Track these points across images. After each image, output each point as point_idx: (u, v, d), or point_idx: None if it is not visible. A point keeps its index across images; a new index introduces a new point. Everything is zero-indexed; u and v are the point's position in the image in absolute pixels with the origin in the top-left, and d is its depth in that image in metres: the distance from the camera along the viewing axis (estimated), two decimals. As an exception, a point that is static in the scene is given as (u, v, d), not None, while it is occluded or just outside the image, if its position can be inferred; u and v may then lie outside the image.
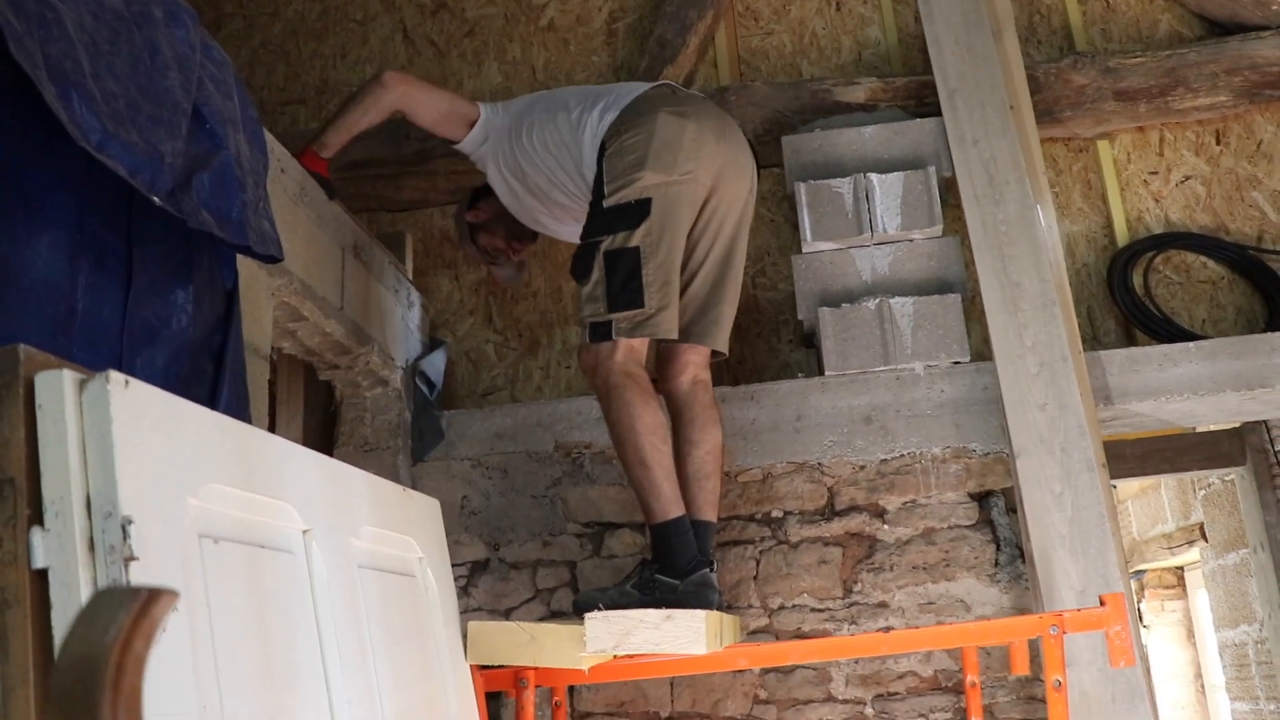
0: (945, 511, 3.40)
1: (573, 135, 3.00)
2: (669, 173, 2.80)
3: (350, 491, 1.80)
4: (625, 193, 2.80)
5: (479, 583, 3.49)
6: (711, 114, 3.00)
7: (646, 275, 2.74)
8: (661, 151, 2.81)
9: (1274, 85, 3.88)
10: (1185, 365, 3.46)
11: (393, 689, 1.76)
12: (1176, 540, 6.45)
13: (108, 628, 0.63)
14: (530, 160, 3.10)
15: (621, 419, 2.71)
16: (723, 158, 2.94)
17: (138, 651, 0.64)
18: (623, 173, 2.82)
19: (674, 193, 2.81)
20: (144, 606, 0.65)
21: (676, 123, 2.85)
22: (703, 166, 2.88)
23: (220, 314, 2.17)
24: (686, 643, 2.16)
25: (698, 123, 2.89)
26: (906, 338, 3.47)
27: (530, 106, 3.17)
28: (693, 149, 2.85)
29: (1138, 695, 3.04)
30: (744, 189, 3.05)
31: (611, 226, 2.80)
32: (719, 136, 2.94)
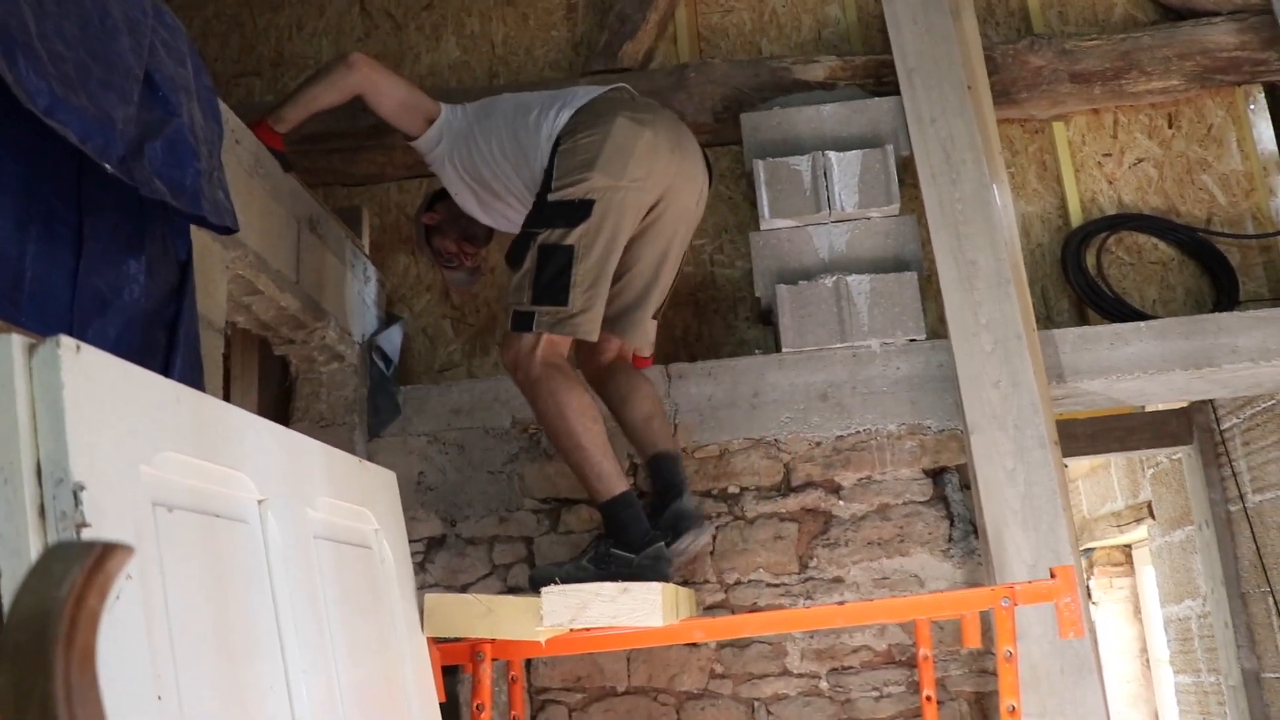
0: (900, 488, 3.44)
1: (531, 139, 2.98)
2: (617, 178, 2.80)
3: (306, 462, 1.79)
4: (570, 190, 2.80)
5: (436, 558, 3.49)
6: (668, 123, 3.00)
7: (575, 275, 2.75)
8: (613, 156, 2.80)
9: (1224, 70, 3.93)
10: (1136, 344, 3.51)
11: (349, 661, 1.75)
12: (1125, 518, 6.55)
13: (60, 582, 0.63)
14: (488, 165, 3.08)
15: (550, 408, 2.74)
16: (676, 168, 2.95)
17: (91, 607, 0.64)
18: (571, 170, 2.82)
19: (618, 199, 2.81)
20: (98, 561, 0.64)
21: (633, 129, 2.85)
22: (654, 176, 2.88)
23: (174, 285, 2.15)
24: (643, 615, 2.17)
25: (654, 131, 2.88)
26: (863, 315, 3.49)
27: (489, 110, 3.14)
28: (646, 157, 2.85)
29: (1086, 667, 3.10)
30: (693, 200, 3.07)
31: (551, 221, 2.80)
32: (674, 147, 2.94)
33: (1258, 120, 4.02)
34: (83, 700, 0.62)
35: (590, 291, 2.77)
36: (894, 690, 3.33)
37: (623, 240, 2.86)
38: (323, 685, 1.62)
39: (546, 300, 2.76)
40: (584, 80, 3.97)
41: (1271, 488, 4.49)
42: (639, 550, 2.66)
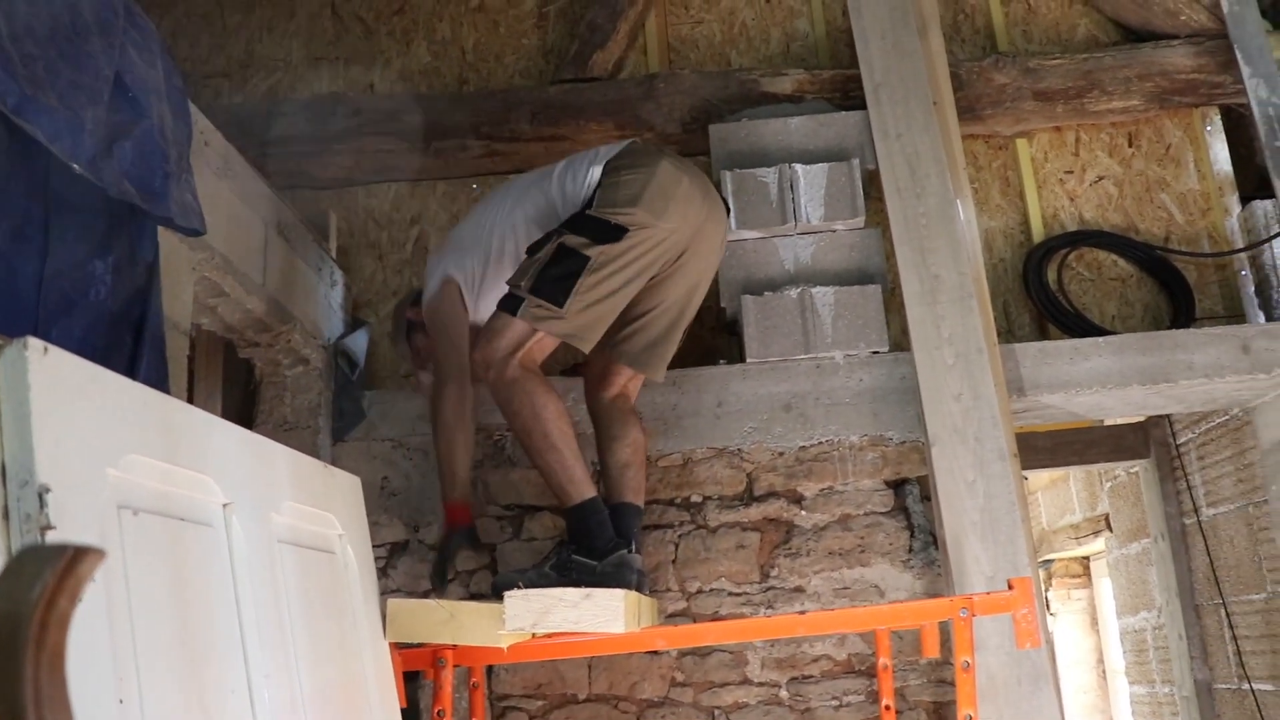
0: (861, 498, 3.47)
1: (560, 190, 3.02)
2: (657, 218, 2.84)
3: (272, 466, 1.79)
4: (610, 213, 2.83)
5: (398, 564, 3.48)
6: (699, 175, 3.06)
7: (581, 283, 2.77)
8: (656, 195, 2.85)
9: (1182, 92, 4.00)
10: (1095, 359, 3.56)
11: (311, 665, 1.75)
12: (1083, 530, 6.63)
13: (32, 584, 0.63)
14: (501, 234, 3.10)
15: (524, 408, 2.75)
16: (705, 214, 3.00)
17: (62, 609, 0.65)
18: (615, 201, 2.85)
19: (651, 238, 2.84)
20: (69, 564, 0.65)
21: (675, 174, 2.91)
22: (688, 222, 2.93)
23: (140, 287, 2.14)
24: (605, 621, 2.18)
25: (690, 179, 2.95)
26: (827, 327, 3.53)
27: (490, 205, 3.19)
28: (683, 203, 2.90)
29: (1042, 678, 3.14)
30: (717, 245, 3.12)
31: (580, 230, 2.84)
32: (705, 195, 3.01)
33: (1214, 141, 4.10)
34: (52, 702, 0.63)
35: (590, 307, 2.79)
36: (853, 699, 3.35)
37: (639, 280, 2.89)
38: (285, 690, 1.62)
39: (543, 294, 2.78)
40: (553, 88, 4.00)
41: (1225, 501, 4.56)
42: (602, 557, 2.67)
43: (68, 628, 0.65)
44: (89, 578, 0.66)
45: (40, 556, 0.65)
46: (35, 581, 0.64)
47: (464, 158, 4.00)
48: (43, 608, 0.63)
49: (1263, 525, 4.22)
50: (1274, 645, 4.27)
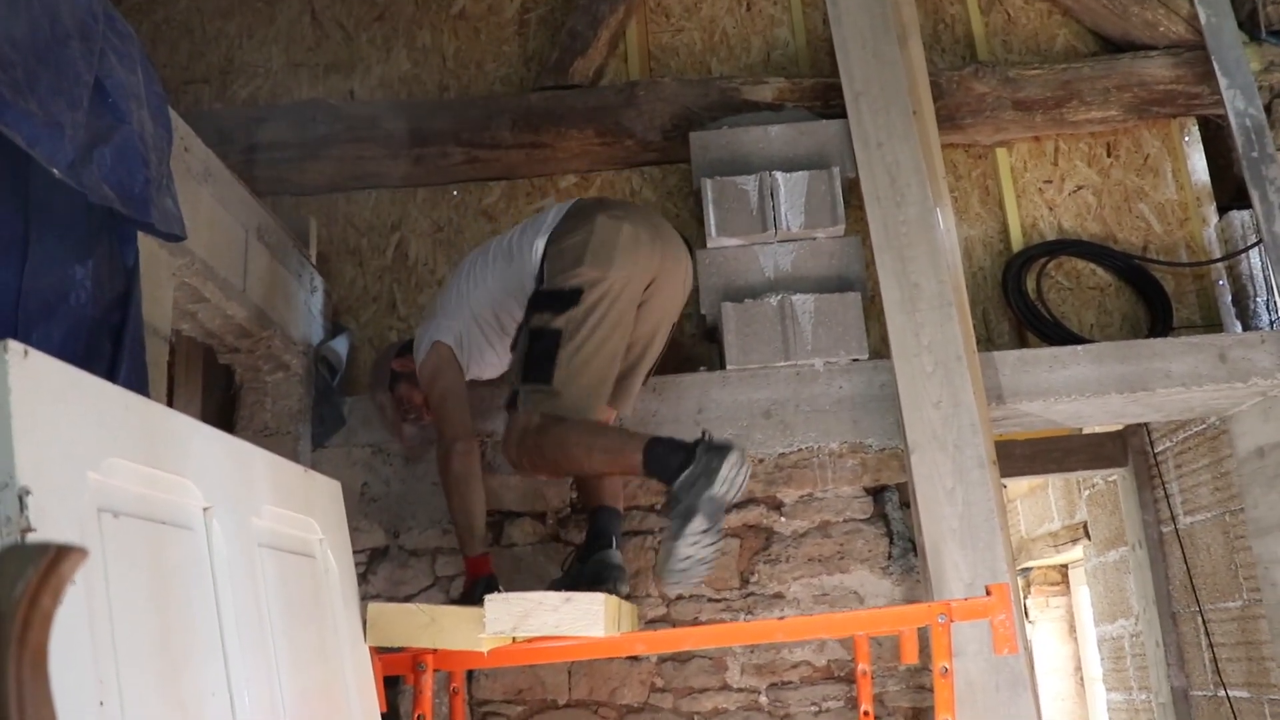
0: (841, 505, 3.48)
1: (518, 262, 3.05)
2: (605, 269, 2.86)
3: (252, 470, 1.79)
4: (560, 281, 2.88)
5: (378, 569, 3.48)
6: (645, 216, 3.08)
7: (560, 355, 2.80)
8: (598, 250, 2.88)
9: (1160, 102, 4.04)
10: (1073, 367, 3.58)
11: (292, 669, 1.75)
12: (1062, 538, 6.66)
13: (15, 583, 0.64)
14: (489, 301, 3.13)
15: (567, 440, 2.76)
16: (660, 253, 3.02)
17: (45, 608, 0.65)
18: (561, 269, 2.89)
19: (606, 288, 2.86)
20: (51, 563, 0.65)
21: (613, 224, 2.92)
22: (639, 266, 2.95)
23: (120, 292, 2.13)
24: (585, 625, 2.18)
25: (632, 224, 2.96)
26: (807, 334, 3.54)
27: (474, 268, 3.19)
28: (629, 248, 2.91)
29: (1020, 684, 3.15)
30: (679, 281, 3.14)
31: (541, 308, 2.89)
32: (654, 236, 3.01)
33: (1191, 152, 4.14)
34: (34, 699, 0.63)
35: (578, 375, 2.80)
36: (832, 705, 3.36)
37: (621, 331, 2.91)
38: (265, 693, 1.62)
39: (533, 379, 2.81)
40: (533, 95, 4.00)
41: (1202, 510, 4.60)
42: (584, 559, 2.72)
43: (50, 625, 0.65)
44: (71, 576, 0.66)
45: (23, 555, 0.65)
46: (18, 580, 0.64)
47: (445, 165, 4.00)
48: (25, 605, 0.64)
49: (1239, 533, 4.25)
50: (1250, 652, 4.30)
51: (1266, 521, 3.84)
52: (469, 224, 4.05)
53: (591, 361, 2.82)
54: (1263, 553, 3.90)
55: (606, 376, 2.89)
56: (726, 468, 2.53)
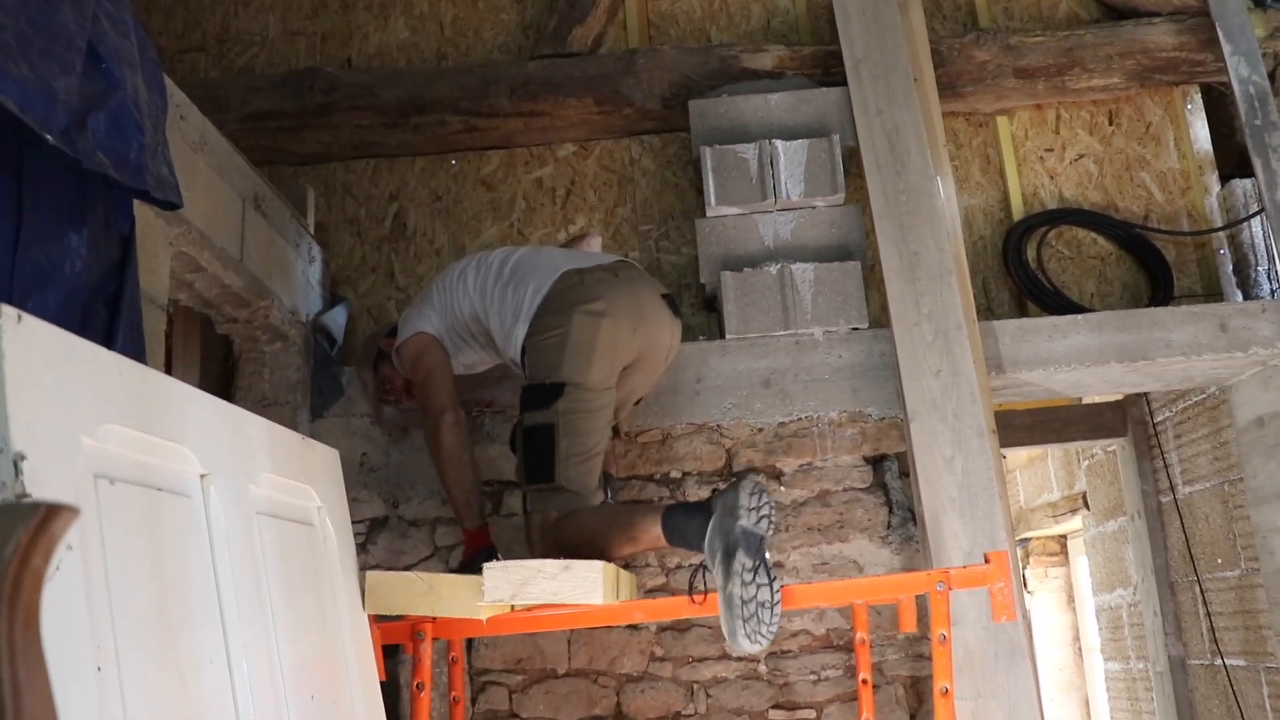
0: (840, 474, 3.48)
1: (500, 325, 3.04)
2: (584, 375, 2.84)
3: (249, 438, 1.78)
4: (542, 376, 2.86)
5: (378, 539, 3.48)
6: (624, 298, 2.97)
7: (559, 450, 2.79)
8: (575, 355, 2.85)
9: (1163, 70, 4.01)
10: (1073, 336, 3.57)
11: (290, 637, 1.75)
12: (1061, 509, 6.67)
13: (5, 542, 0.63)
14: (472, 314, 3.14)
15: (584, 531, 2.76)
16: (644, 336, 2.99)
17: (36, 567, 0.64)
18: (541, 369, 2.88)
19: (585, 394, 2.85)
20: (42, 522, 0.64)
21: (590, 322, 2.87)
22: (619, 359, 2.93)
23: (116, 260, 2.12)
24: (584, 593, 2.18)
25: (612, 319, 2.89)
26: (806, 303, 3.53)
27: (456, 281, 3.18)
28: (608, 348, 2.88)
29: (1019, 652, 3.16)
30: (664, 346, 3.10)
31: (531, 405, 2.87)
32: (636, 322, 2.96)
33: (1194, 120, 4.11)
34: (25, 658, 0.63)
35: (580, 468, 2.80)
36: (831, 674, 3.37)
37: (606, 409, 2.90)
38: (263, 660, 1.62)
39: (535, 478, 2.82)
40: (532, 64, 3.97)
41: (1200, 480, 4.60)
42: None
43: (42, 585, 0.65)
44: (63, 535, 0.66)
45: (13, 514, 0.65)
46: (8, 539, 0.63)
47: (443, 133, 3.98)
48: (16, 564, 0.63)
49: (1238, 503, 4.25)
50: (1247, 621, 4.32)
51: (1265, 491, 3.84)
52: (467, 193, 4.04)
53: (584, 448, 2.83)
54: (1261, 522, 3.90)
55: (599, 452, 2.89)
56: (744, 497, 2.46)
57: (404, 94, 3.94)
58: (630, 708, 3.37)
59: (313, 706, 1.79)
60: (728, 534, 2.42)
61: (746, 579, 2.36)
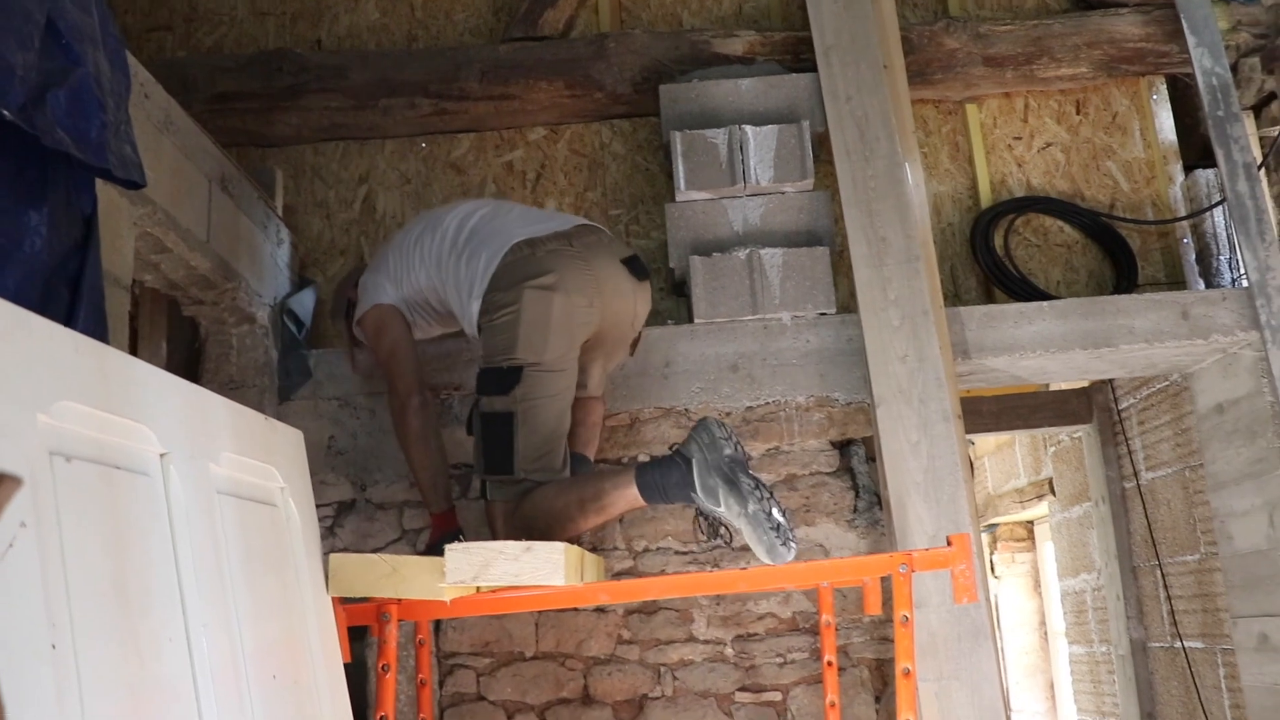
0: (807, 459, 3.50)
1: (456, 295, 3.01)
2: (539, 355, 2.81)
3: (211, 417, 1.78)
4: (498, 358, 2.84)
5: (345, 523, 3.48)
6: (576, 265, 2.90)
7: (518, 441, 2.78)
8: (530, 334, 2.81)
9: (1130, 60, 4.04)
10: (1039, 323, 3.60)
11: (252, 617, 1.75)
12: (1027, 495, 6.73)
13: (-52, 512, 0.63)
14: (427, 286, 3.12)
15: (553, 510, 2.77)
16: (602, 305, 2.94)
17: (-21, 537, 0.64)
18: (496, 349, 2.85)
19: (543, 375, 2.82)
20: (-14, 492, 0.64)
21: (542, 298, 2.82)
22: (577, 333, 2.89)
23: (78, 240, 2.11)
24: (545, 574, 2.19)
25: (564, 293, 2.84)
26: (775, 288, 3.54)
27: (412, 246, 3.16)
28: (562, 323, 2.84)
29: (981, 634, 3.19)
30: (628, 314, 3.05)
31: (487, 389, 2.85)
32: (594, 292, 2.90)
33: (1159, 110, 4.15)
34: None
35: (536, 453, 2.79)
36: (797, 657, 3.40)
37: (567, 387, 2.88)
38: (224, 640, 1.62)
39: (494, 469, 2.80)
40: (502, 47, 3.96)
41: (1163, 465, 4.65)
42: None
43: (-16, 556, 0.65)
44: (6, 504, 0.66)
45: (-45, 484, 0.65)
46: (-50, 508, 0.63)
47: (413, 116, 3.96)
48: (-42, 535, 0.63)
49: (1198, 488, 4.31)
50: (1205, 604, 4.37)
51: (1224, 476, 3.89)
52: (437, 176, 4.03)
53: (544, 435, 2.81)
54: (1220, 507, 3.95)
55: (561, 430, 2.87)
56: (716, 430, 2.58)
57: (374, 76, 3.92)
58: (597, 690, 3.39)
59: (274, 686, 1.79)
60: (719, 466, 2.54)
61: (758, 495, 2.49)
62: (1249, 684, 3.85)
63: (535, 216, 3.09)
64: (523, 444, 2.78)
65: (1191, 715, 4.59)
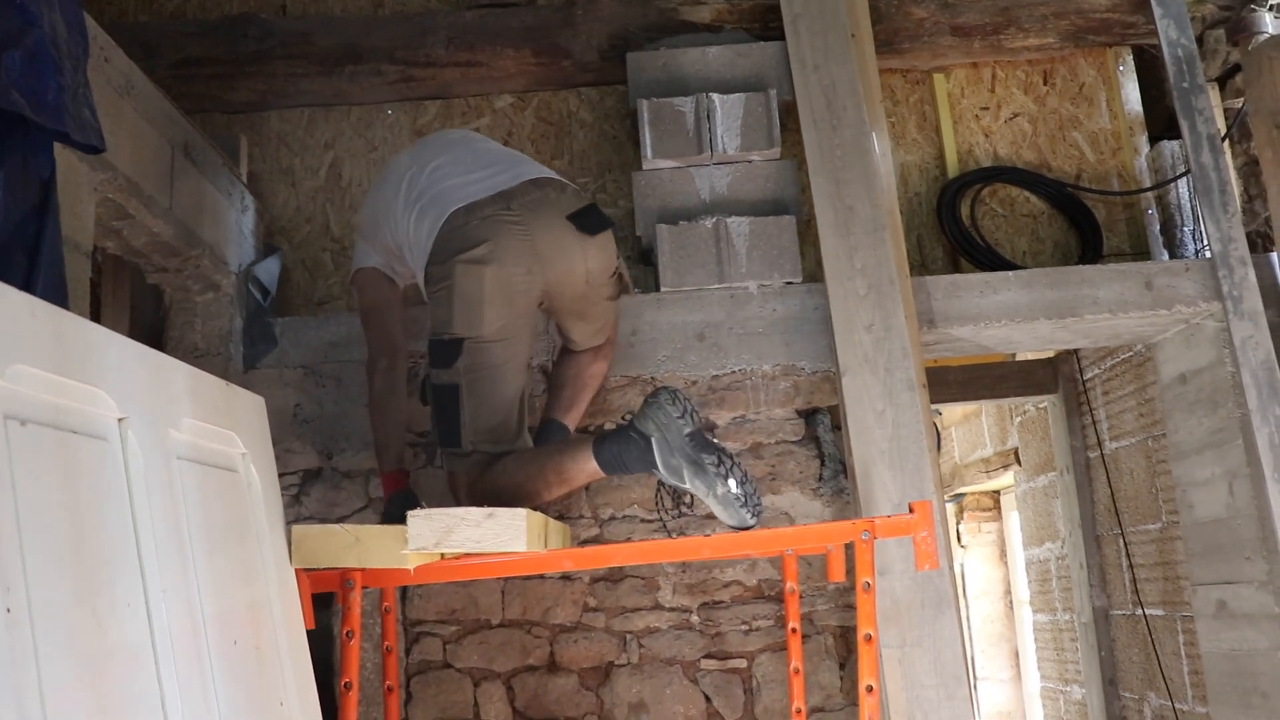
0: (773, 427, 3.52)
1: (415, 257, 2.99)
2: (475, 329, 2.79)
3: (170, 382, 1.77)
4: (440, 329, 2.83)
5: (311, 491, 3.47)
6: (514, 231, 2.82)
7: (464, 416, 2.78)
8: (463, 309, 2.78)
9: (1096, 31, 4.05)
10: (1004, 293, 3.62)
11: (212, 581, 1.75)
12: (994, 464, 6.79)
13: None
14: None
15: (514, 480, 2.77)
16: (543, 275, 2.88)
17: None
18: (438, 321, 2.84)
19: (484, 347, 2.80)
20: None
21: (473, 272, 2.78)
22: (517, 303, 2.84)
23: (35, 204, 2.08)
24: (508, 540, 2.19)
25: (497, 264, 2.78)
26: (742, 257, 3.55)
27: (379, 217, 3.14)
28: (498, 295, 2.79)
29: (944, 602, 3.23)
30: (579, 272, 2.95)
31: (435, 360, 2.85)
32: (529, 263, 2.84)
33: (1126, 81, 4.17)
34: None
35: (485, 425, 2.79)
36: (762, 624, 3.43)
37: (516, 356, 2.86)
38: (183, 604, 1.62)
39: (447, 442, 2.82)
40: (469, 13, 3.92)
41: (1126, 435, 4.70)
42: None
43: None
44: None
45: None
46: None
47: (379, 83, 3.93)
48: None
49: (1160, 458, 4.36)
50: (1166, 573, 4.43)
51: (1186, 446, 3.94)
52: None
53: (492, 406, 2.80)
54: (1181, 476, 4.00)
55: (512, 401, 2.85)
56: (671, 408, 2.60)
57: (339, 42, 3.88)
58: (563, 657, 3.40)
59: (235, 652, 1.80)
60: (680, 447, 2.56)
61: (722, 473, 2.52)
62: (1207, 650, 3.91)
63: (485, 169, 2.98)
64: (469, 416, 2.78)
65: (1151, 681, 4.66)
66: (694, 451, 2.55)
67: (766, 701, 3.39)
